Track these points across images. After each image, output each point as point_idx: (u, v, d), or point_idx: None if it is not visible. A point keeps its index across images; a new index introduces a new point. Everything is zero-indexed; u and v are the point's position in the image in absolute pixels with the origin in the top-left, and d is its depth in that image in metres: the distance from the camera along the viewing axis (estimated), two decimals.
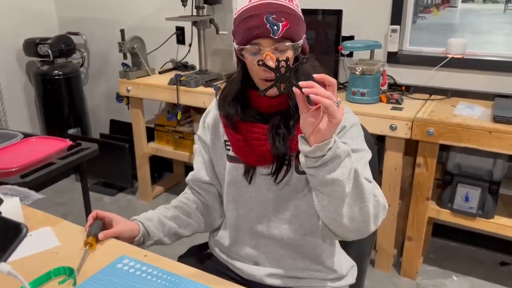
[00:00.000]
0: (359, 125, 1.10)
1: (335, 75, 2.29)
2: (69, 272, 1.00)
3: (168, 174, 3.33)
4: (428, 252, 2.39)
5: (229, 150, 1.15)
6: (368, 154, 1.07)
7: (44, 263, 1.02)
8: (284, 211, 1.12)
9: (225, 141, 1.16)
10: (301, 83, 0.82)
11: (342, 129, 1.05)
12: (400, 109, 2.02)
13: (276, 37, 0.97)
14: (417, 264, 2.18)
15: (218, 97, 1.14)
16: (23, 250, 1.08)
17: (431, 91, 2.24)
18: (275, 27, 0.96)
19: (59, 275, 1.00)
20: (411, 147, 2.12)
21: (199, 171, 1.23)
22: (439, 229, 2.47)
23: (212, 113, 1.19)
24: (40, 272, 0.98)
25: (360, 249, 1.33)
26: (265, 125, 1.06)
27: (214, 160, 1.20)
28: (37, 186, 1.53)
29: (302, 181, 1.09)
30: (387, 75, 2.23)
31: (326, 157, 0.86)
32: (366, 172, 1.02)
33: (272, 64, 0.91)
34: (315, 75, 0.84)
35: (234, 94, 1.09)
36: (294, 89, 0.84)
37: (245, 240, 1.19)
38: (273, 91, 1.03)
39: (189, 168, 1.27)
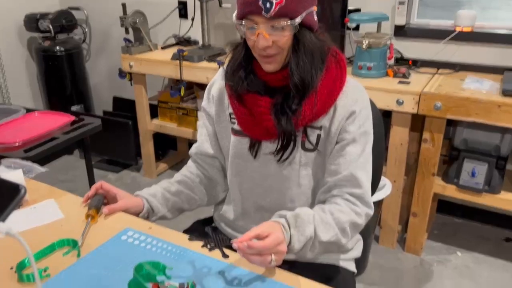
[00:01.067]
0: (368, 107, 1.07)
1: (341, 49, 2.24)
2: (73, 244, 0.99)
3: (172, 151, 3.32)
4: (433, 229, 2.39)
5: (234, 123, 1.12)
6: (368, 142, 1.07)
7: (48, 235, 1.02)
8: (287, 189, 1.10)
9: (230, 114, 1.13)
10: (234, 246, 0.84)
11: (351, 115, 1.03)
12: (407, 83, 1.98)
13: (267, 16, 0.93)
14: (421, 240, 2.18)
15: (225, 66, 1.11)
16: (27, 222, 1.07)
17: (439, 65, 2.19)
18: (268, 5, 0.92)
19: (63, 247, 0.99)
20: (417, 123, 2.09)
21: (203, 143, 1.21)
22: (444, 206, 2.46)
23: (217, 84, 1.17)
24: (44, 244, 0.98)
25: (364, 226, 1.32)
26: (271, 99, 1.03)
27: (218, 133, 1.18)
28: (40, 160, 1.52)
29: (307, 159, 1.07)
30: (394, 49, 2.19)
31: None
32: (362, 172, 1.04)
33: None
34: (234, 245, 0.84)
35: (239, 64, 1.06)
36: (234, 245, 0.84)
37: (249, 214, 1.18)
38: (271, 67, 1.00)
39: (193, 145, 1.25)
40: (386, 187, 1.98)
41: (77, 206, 1.14)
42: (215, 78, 1.19)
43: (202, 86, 2.71)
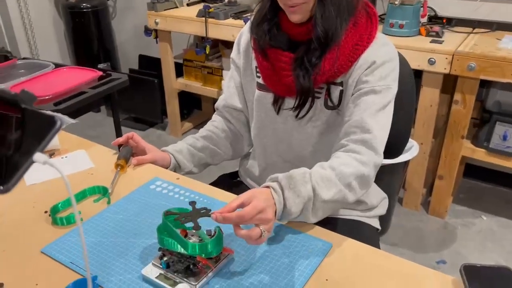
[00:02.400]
0: (393, 61, 1.00)
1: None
2: (104, 191, 1.02)
3: (197, 111, 3.34)
4: (458, 192, 2.36)
5: (259, 77, 1.11)
6: (388, 96, 0.97)
7: (80, 183, 1.05)
8: (309, 145, 1.09)
9: (256, 67, 1.12)
10: (212, 217, 0.76)
11: (371, 65, 0.97)
12: (440, 42, 1.90)
13: None
14: (446, 203, 2.16)
15: (252, 18, 1.09)
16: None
17: (475, 24, 2.10)
18: None
19: (94, 194, 1.02)
20: (448, 84, 2.03)
21: (231, 96, 1.20)
22: (470, 170, 2.42)
23: (245, 36, 1.15)
24: (76, 191, 1.01)
25: (389, 186, 1.31)
26: (293, 54, 1.01)
27: (244, 86, 1.17)
28: (69, 114, 1.55)
29: (328, 117, 1.04)
30: (428, 7, 2.10)
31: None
32: (374, 121, 0.94)
33: None
34: (212, 216, 0.76)
35: (264, 16, 1.03)
36: (212, 216, 0.76)
37: (274, 169, 1.18)
38: (297, 16, 0.97)
39: (219, 98, 1.24)
40: (413, 149, 1.95)
41: (106, 157, 1.17)
42: (243, 30, 1.17)
43: (228, 44, 2.68)
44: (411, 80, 1.22)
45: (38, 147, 0.37)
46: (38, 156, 0.37)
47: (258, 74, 1.11)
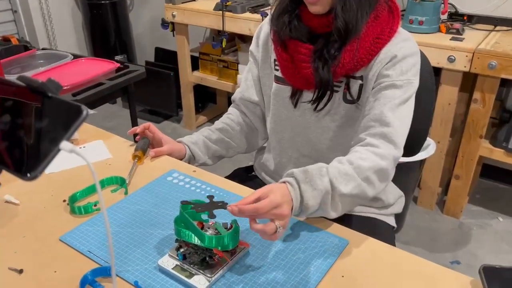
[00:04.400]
0: (415, 56, 0.99)
1: None
2: (121, 182, 1.03)
3: (211, 105, 3.34)
4: (475, 193, 2.33)
5: (277, 70, 1.10)
6: (409, 91, 0.96)
7: (98, 173, 1.05)
8: (327, 140, 1.08)
9: (274, 60, 1.11)
10: (228, 209, 0.75)
11: (391, 59, 0.96)
12: (461, 39, 1.87)
13: None
14: (462, 204, 2.13)
15: (272, 11, 1.08)
16: (77, 160, 1.12)
17: (497, 21, 2.05)
18: None
19: (112, 184, 1.03)
20: (466, 83, 1.99)
21: (248, 89, 1.20)
22: (488, 170, 2.38)
23: (264, 28, 1.14)
24: (94, 181, 1.02)
25: (405, 184, 1.29)
26: (313, 46, 1.00)
27: (261, 79, 1.17)
28: (86, 105, 1.57)
29: (347, 111, 1.03)
30: (449, 3, 2.06)
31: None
32: (393, 114, 0.93)
33: None
34: (228, 208, 0.75)
35: (285, 8, 1.03)
36: (228, 208, 0.75)
37: (289, 164, 1.18)
38: (317, 8, 0.96)
39: (236, 90, 1.24)
40: (430, 148, 1.93)
41: (124, 148, 1.18)
42: (263, 23, 1.16)
43: (244, 39, 2.67)
44: (431, 77, 1.21)
45: (64, 135, 0.38)
46: (64, 144, 0.38)
47: (277, 67, 1.10)
